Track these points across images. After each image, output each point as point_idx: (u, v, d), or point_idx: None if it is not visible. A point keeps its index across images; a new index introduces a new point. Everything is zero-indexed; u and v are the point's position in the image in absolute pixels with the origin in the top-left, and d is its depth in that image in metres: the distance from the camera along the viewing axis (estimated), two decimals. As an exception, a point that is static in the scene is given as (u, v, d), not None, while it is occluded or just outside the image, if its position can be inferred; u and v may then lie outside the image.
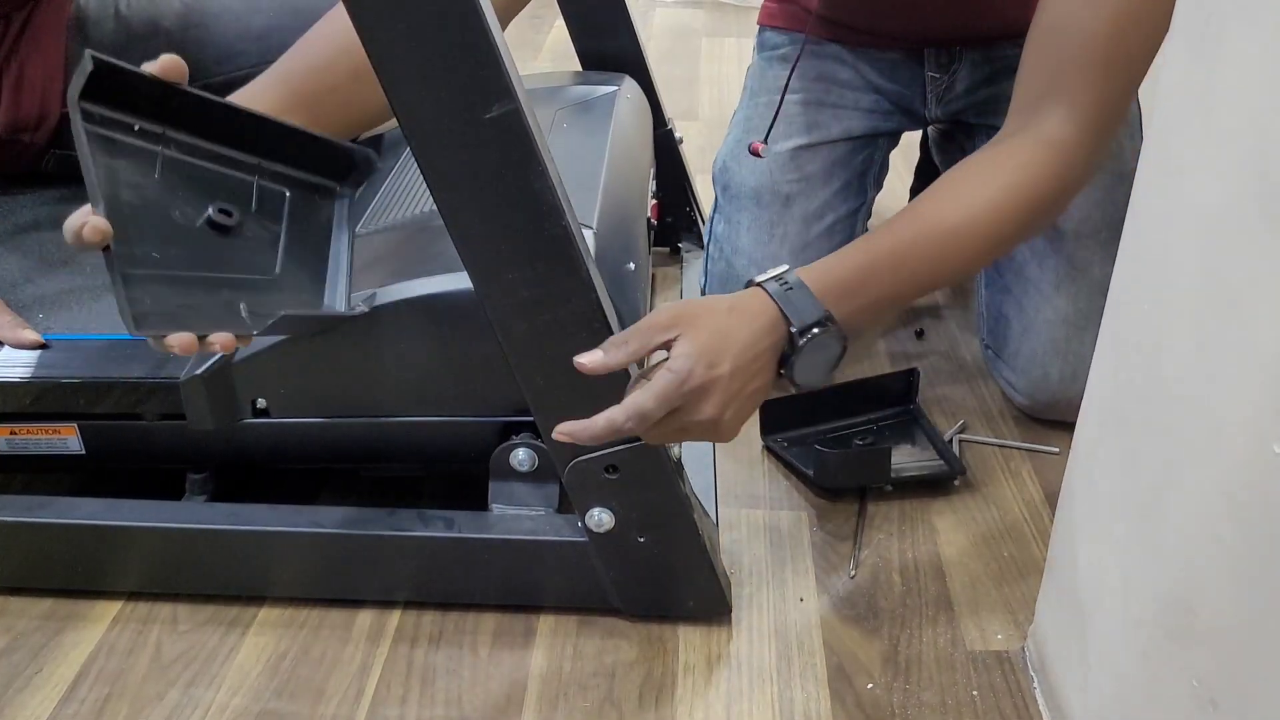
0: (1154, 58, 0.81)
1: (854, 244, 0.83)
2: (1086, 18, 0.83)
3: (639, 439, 0.79)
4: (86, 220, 0.68)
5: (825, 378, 0.80)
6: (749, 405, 0.76)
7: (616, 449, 0.81)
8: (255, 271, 0.74)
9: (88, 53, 0.68)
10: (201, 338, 0.69)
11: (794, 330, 0.77)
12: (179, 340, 0.69)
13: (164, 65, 0.73)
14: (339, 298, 0.75)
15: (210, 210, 0.73)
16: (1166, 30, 0.63)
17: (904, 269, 0.82)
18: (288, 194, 0.77)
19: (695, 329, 0.73)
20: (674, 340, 0.73)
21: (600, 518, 0.83)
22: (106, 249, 0.69)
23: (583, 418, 0.80)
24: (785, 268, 0.79)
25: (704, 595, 0.88)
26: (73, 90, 0.69)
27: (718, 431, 0.75)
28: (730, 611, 0.89)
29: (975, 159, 0.87)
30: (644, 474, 0.81)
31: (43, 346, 0.90)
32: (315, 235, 0.80)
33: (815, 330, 0.77)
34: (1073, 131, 0.84)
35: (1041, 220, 0.86)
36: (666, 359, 0.73)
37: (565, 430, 0.73)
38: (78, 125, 0.70)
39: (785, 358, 0.78)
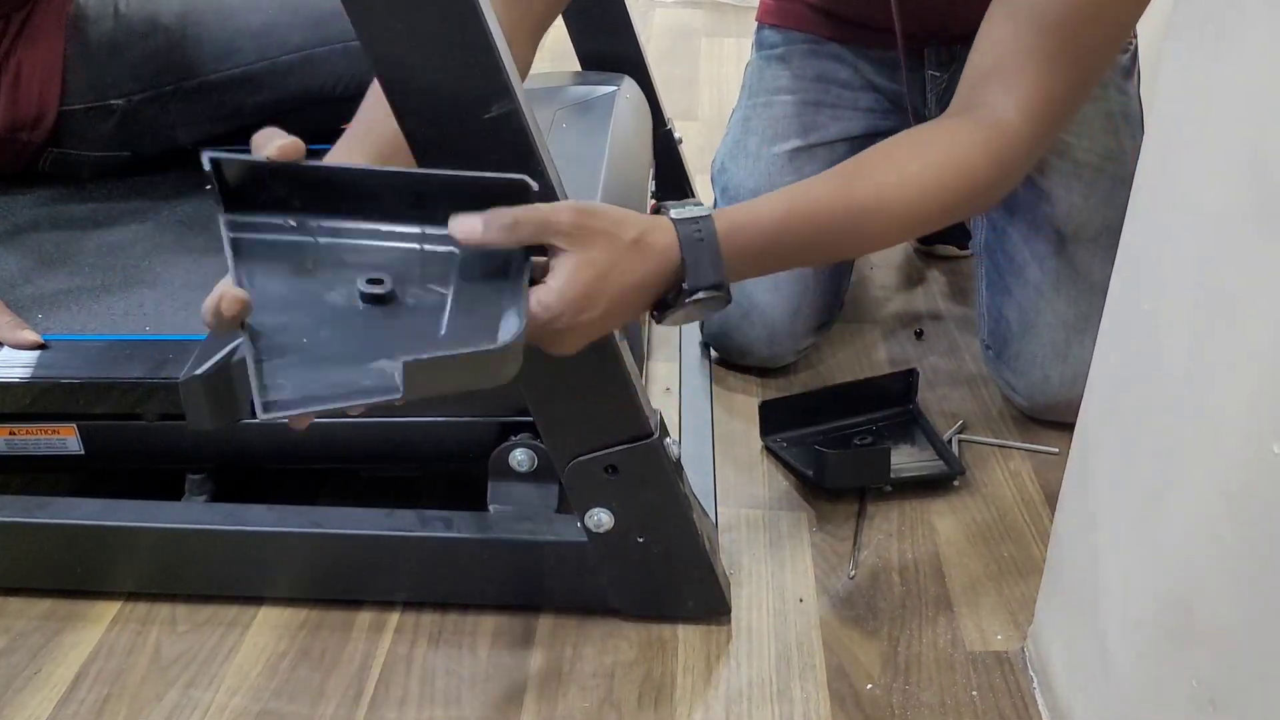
0: (1112, 57, 0.78)
1: (777, 195, 0.78)
2: (1042, 6, 0.82)
3: (641, 439, 0.79)
4: (224, 293, 0.62)
5: (708, 313, 0.76)
6: (604, 330, 0.72)
7: (616, 449, 0.81)
8: (415, 337, 0.66)
9: (204, 155, 0.63)
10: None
11: (685, 288, 0.72)
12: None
13: (283, 149, 0.65)
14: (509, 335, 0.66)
15: (360, 283, 0.66)
16: (1128, 31, 0.62)
17: (817, 239, 0.78)
18: (456, 251, 0.68)
19: (587, 257, 0.67)
20: (560, 253, 0.67)
21: (599, 518, 0.83)
22: (243, 324, 0.63)
23: (583, 418, 0.80)
24: (704, 209, 0.74)
25: (703, 595, 0.88)
26: (215, 204, 0.65)
27: (558, 351, 0.70)
28: (730, 612, 0.89)
29: (912, 133, 0.85)
30: (644, 474, 0.81)
31: (42, 347, 0.90)
32: (489, 284, 0.70)
33: (704, 294, 0.72)
34: (1014, 116, 0.82)
35: (972, 202, 0.84)
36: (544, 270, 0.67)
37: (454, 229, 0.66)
38: (224, 233, 0.65)
39: (663, 303, 0.73)
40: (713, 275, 0.72)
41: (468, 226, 0.66)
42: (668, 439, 0.82)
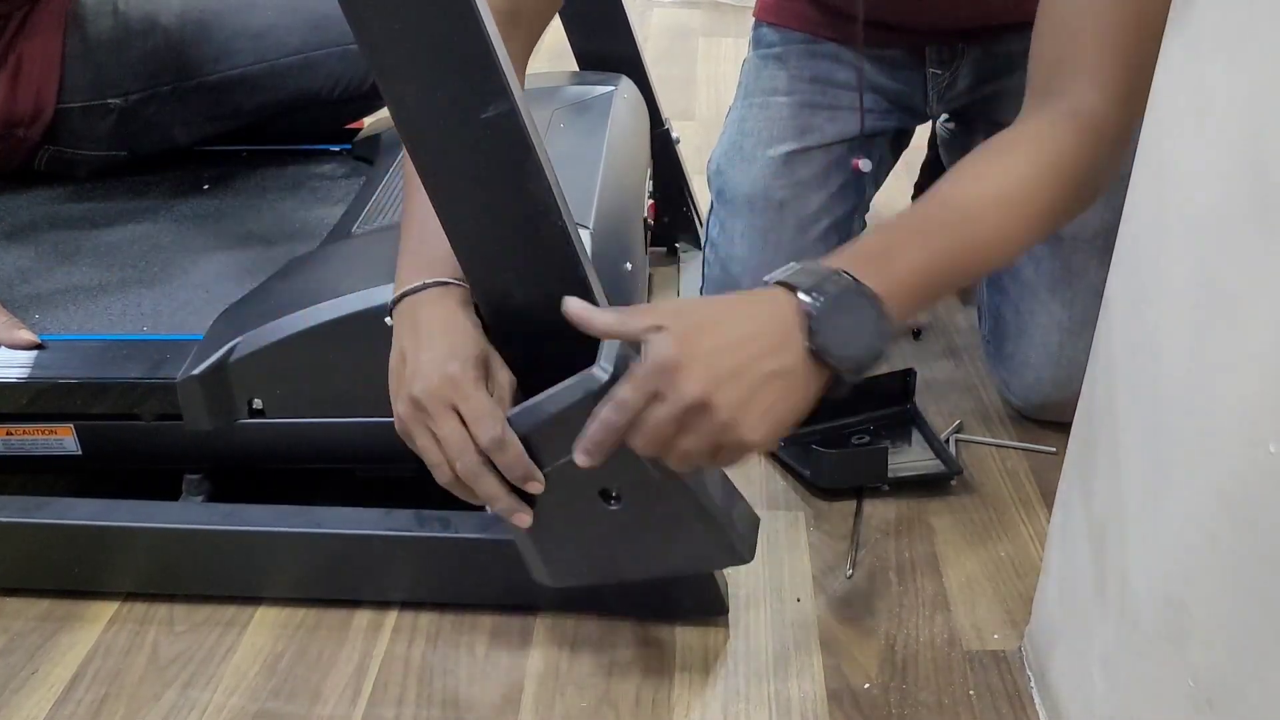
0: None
1: (868, 232, 0.78)
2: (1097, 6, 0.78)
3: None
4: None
5: (873, 345, 0.69)
6: (770, 391, 0.66)
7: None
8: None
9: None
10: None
11: (800, 293, 0.67)
12: None
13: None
14: None
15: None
16: None
17: (931, 242, 0.73)
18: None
19: (680, 315, 0.66)
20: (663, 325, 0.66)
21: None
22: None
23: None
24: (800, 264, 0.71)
25: (701, 595, 0.88)
26: None
27: (732, 428, 0.65)
28: (727, 611, 0.89)
29: (994, 140, 0.80)
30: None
31: (38, 347, 0.90)
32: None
33: (828, 287, 0.67)
34: (1098, 99, 0.78)
35: (1079, 196, 0.79)
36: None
37: (579, 448, 0.68)
38: None
39: (811, 329, 0.67)
40: (822, 271, 0.68)
41: (578, 309, 0.69)
42: None
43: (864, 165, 1.19)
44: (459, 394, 0.72)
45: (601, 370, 0.69)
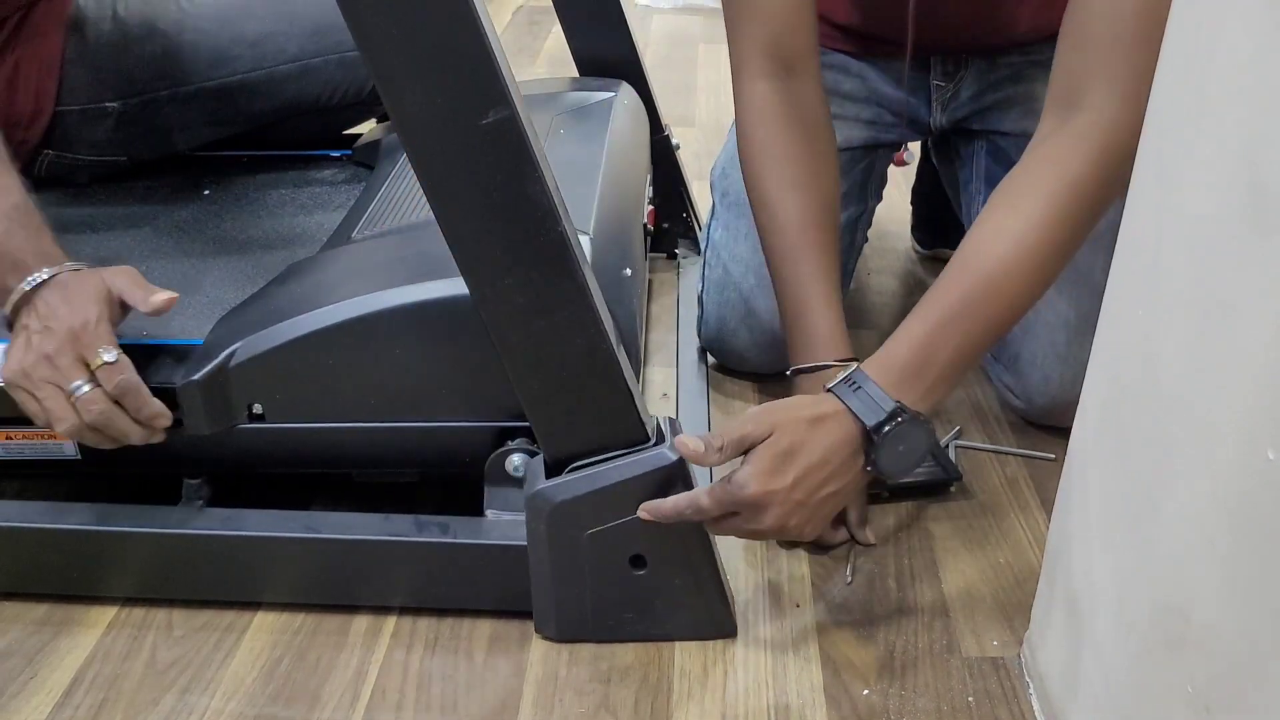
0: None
1: (911, 318, 0.84)
2: (1117, 22, 0.82)
3: (638, 445, 0.81)
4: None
5: (919, 464, 0.84)
6: (826, 506, 0.82)
7: (614, 456, 0.81)
8: None
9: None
10: None
11: (869, 429, 0.80)
12: None
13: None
14: None
15: None
16: None
17: (966, 331, 0.82)
18: None
19: (772, 443, 0.78)
20: (758, 451, 0.78)
21: None
22: None
23: (580, 423, 0.80)
24: (851, 366, 0.83)
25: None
26: None
27: (787, 534, 0.81)
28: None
29: (1011, 180, 0.86)
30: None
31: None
32: None
33: (889, 426, 0.80)
34: (1120, 110, 0.81)
35: (1096, 213, 0.84)
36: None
37: (645, 508, 0.80)
38: None
39: (869, 454, 0.81)
40: (884, 406, 0.80)
41: (692, 450, 0.80)
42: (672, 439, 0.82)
43: (907, 156, 1.23)
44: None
45: (672, 451, 0.80)
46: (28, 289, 0.82)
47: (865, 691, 0.84)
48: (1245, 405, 0.53)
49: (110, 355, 0.81)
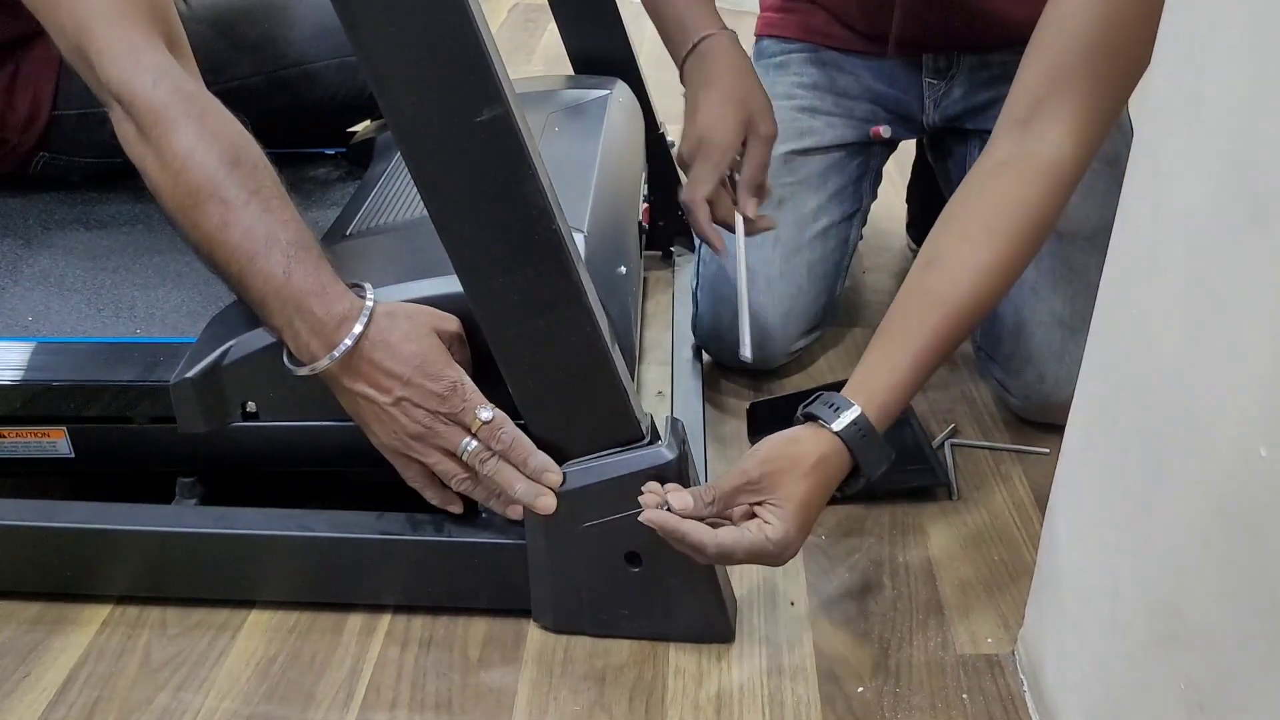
0: (1145, 70, 0.80)
1: (882, 343, 0.85)
2: (1085, 27, 0.82)
3: (633, 443, 0.81)
4: None
5: (888, 462, 0.85)
6: (815, 519, 0.83)
7: (610, 455, 0.81)
8: None
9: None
10: None
11: (865, 478, 0.83)
12: None
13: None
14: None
15: None
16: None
17: (931, 356, 0.85)
18: None
19: (786, 499, 0.78)
20: (761, 503, 0.79)
21: None
22: None
23: (574, 422, 0.80)
24: (853, 407, 0.82)
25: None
26: None
27: (779, 564, 0.81)
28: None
29: (973, 203, 0.87)
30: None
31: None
32: None
33: (869, 449, 0.82)
34: (1070, 149, 0.84)
35: (1039, 244, 0.87)
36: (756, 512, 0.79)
37: (650, 516, 0.78)
38: None
39: (855, 471, 0.83)
40: (884, 459, 0.83)
41: (680, 503, 0.78)
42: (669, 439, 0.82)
43: (884, 131, 1.24)
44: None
45: (669, 448, 0.81)
46: (350, 343, 0.77)
47: (860, 689, 0.84)
48: (1239, 402, 0.53)
49: (487, 414, 0.79)
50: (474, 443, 0.79)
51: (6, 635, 0.89)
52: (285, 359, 0.81)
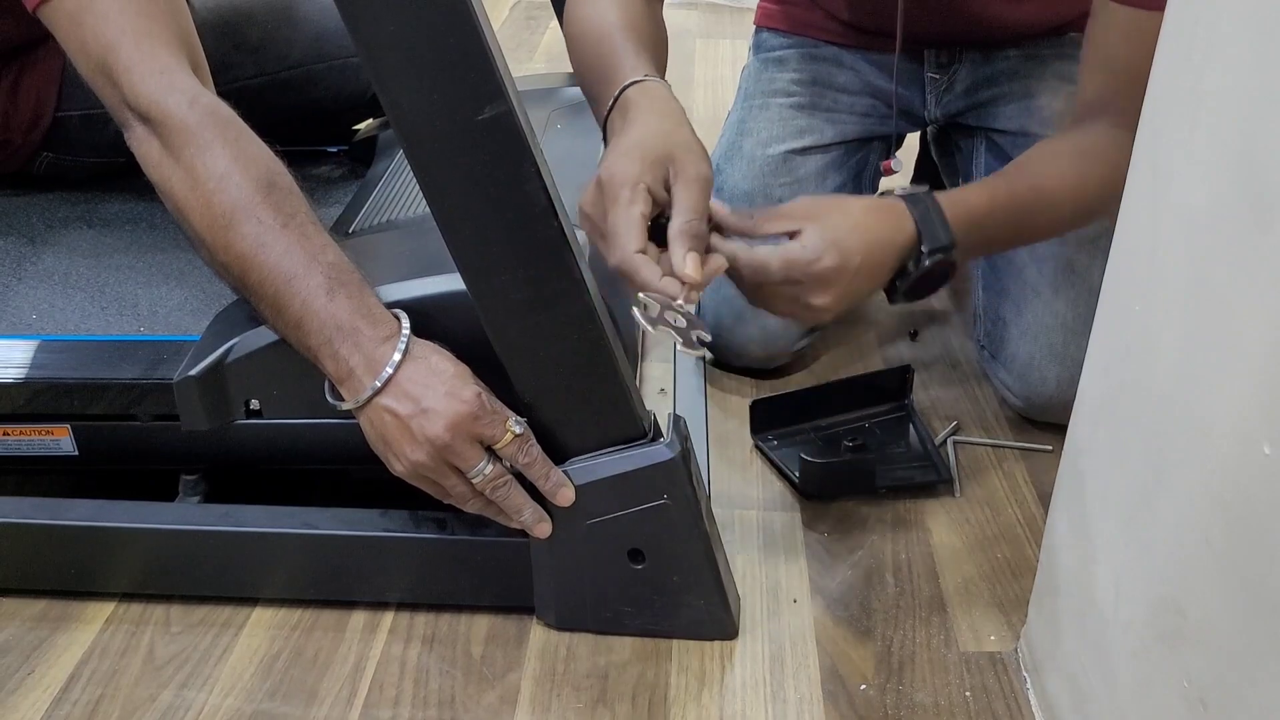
0: None
1: (980, 183, 0.90)
2: (1126, 61, 0.87)
3: (635, 440, 0.80)
4: None
5: (921, 299, 0.87)
6: (854, 301, 0.82)
7: (613, 452, 0.81)
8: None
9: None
10: None
11: (923, 250, 0.81)
12: None
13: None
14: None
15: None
16: None
17: (1014, 218, 0.87)
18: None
19: (828, 220, 0.78)
20: (801, 230, 0.78)
21: None
22: None
23: (575, 420, 0.80)
24: (924, 188, 0.85)
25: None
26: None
27: (818, 317, 0.81)
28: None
29: (1071, 137, 0.93)
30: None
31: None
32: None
33: (939, 255, 0.81)
34: (1127, 142, 0.86)
35: (1109, 207, 0.88)
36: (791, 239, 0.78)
37: (695, 262, 0.76)
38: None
39: (901, 273, 0.82)
40: (943, 236, 0.81)
41: (719, 210, 0.80)
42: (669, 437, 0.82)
43: (895, 165, 1.24)
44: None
45: (670, 446, 0.80)
46: (391, 370, 0.76)
47: (863, 687, 0.84)
48: (1242, 401, 0.53)
49: (519, 427, 0.78)
50: (489, 467, 0.78)
51: (10, 632, 0.90)
52: (327, 394, 0.80)
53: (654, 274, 0.75)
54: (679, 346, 0.75)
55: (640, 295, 0.75)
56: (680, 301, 0.73)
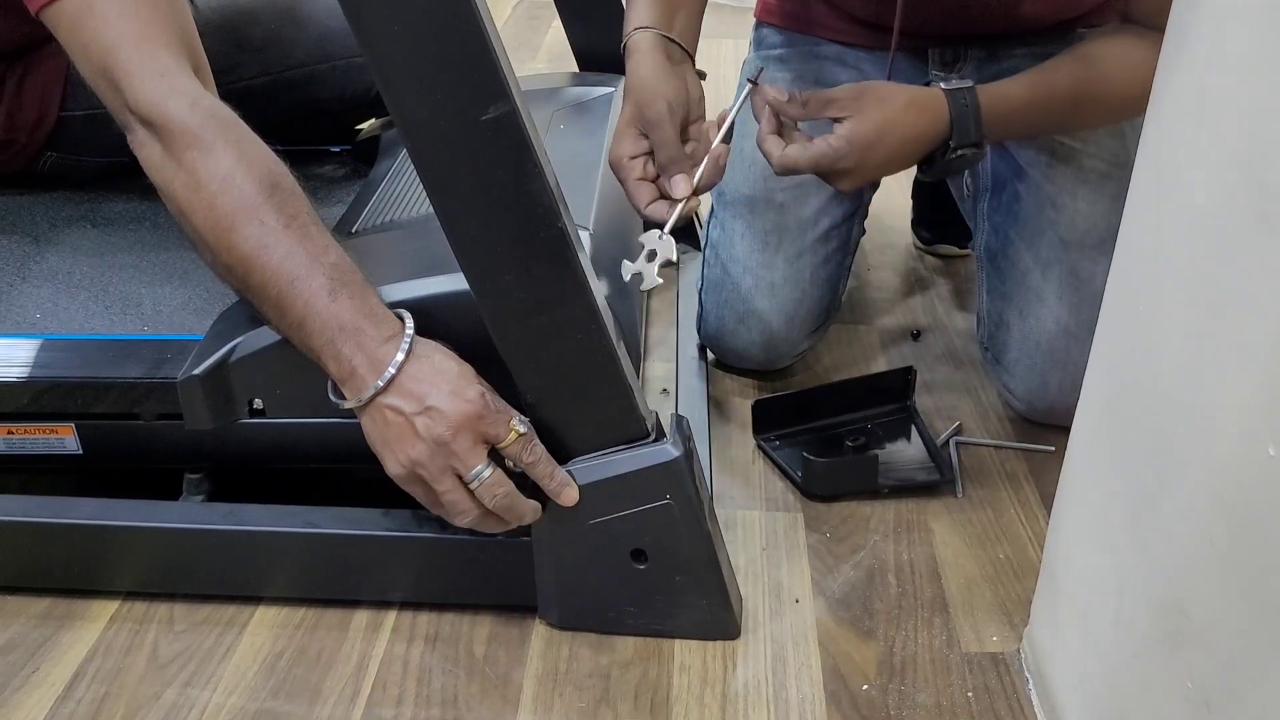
0: None
1: (1024, 76, 0.94)
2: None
3: (637, 440, 0.81)
4: None
5: (946, 178, 0.95)
6: (879, 178, 0.94)
7: (616, 452, 0.81)
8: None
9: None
10: None
11: (951, 145, 0.88)
12: None
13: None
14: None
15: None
16: None
17: (1050, 115, 0.92)
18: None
19: (865, 116, 0.86)
20: (846, 118, 0.86)
21: None
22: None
23: (579, 419, 0.81)
24: (968, 82, 0.91)
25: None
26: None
27: (842, 189, 0.90)
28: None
29: (1131, 31, 0.96)
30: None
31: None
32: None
33: (966, 150, 0.89)
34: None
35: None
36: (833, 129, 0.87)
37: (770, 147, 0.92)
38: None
39: (929, 159, 0.89)
40: (973, 135, 0.89)
41: (775, 96, 0.90)
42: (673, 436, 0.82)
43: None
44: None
45: (673, 446, 0.81)
46: (394, 370, 0.76)
47: (865, 687, 0.84)
48: (1246, 402, 0.53)
49: (523, 426, 0.78)
50: (488, 472, 0.78)
51: (15, 631, 0.90)
52: (330, 393, 0.80)
53: (645, 196, 0.91)
54: (656, 271, 0.87)
55: (639, 239, 0.88)
56: (668, 228, 0.88)
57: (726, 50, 2.32)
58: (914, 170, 1.48)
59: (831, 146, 0.86)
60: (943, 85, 0.91)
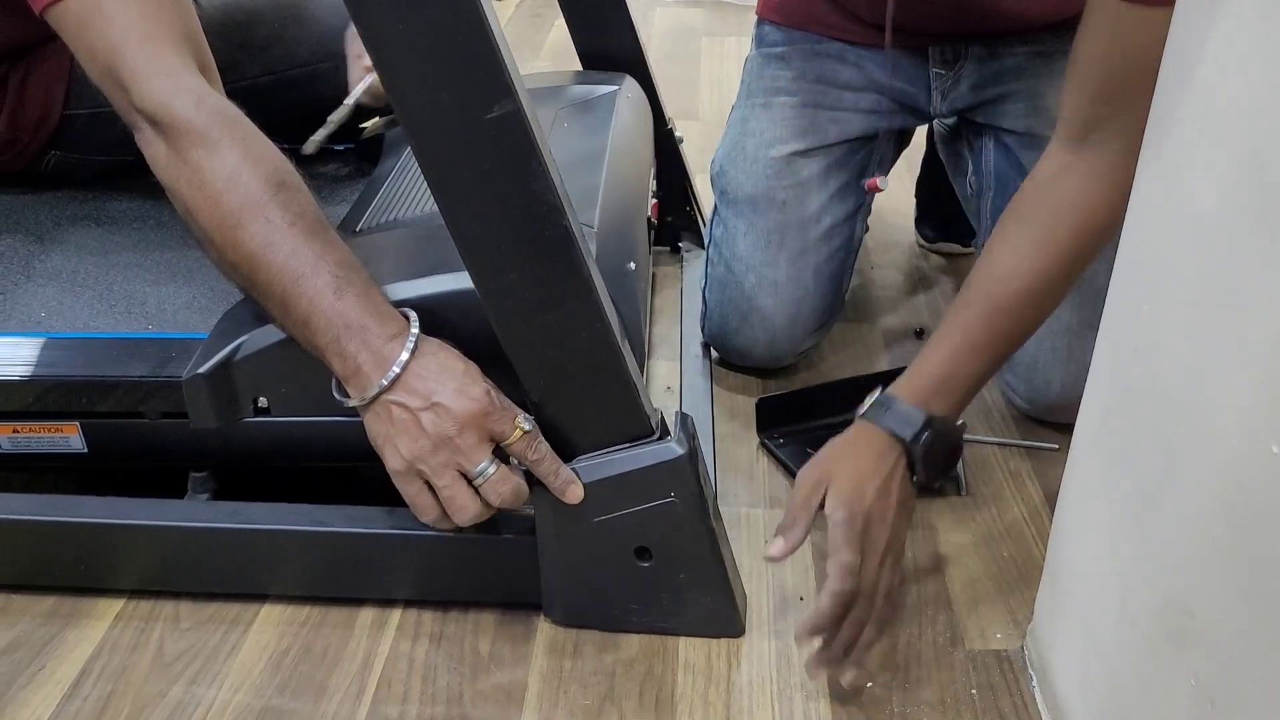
0: None
1: (933, 340, 0.89)
2: (1139, 50, 0.77)
3: (642, 439, 0.81)
4: None
5: (952, 468, 0.92)
6: (906, 516, 0.86)
7: (619, 450, 0.81)
8: None
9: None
10: None
11: (906, 442, 0.85)
12: None
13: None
14: None
15: None
16: None
17: (985, 349, 0.88)
18: None
19: (834, 482, 0.84)
20: (824, 497, 0.83)
21: None
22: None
23: (584, 417, 0.81)
24: (877, 391, 0.89)
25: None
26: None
27: (898, 546, 0.85)
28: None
29: (1031, 205, 0.89)
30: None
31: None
32: None
33: (925, 434, 0.85)
34: (1132, 158, 0.78)
35: (1103, 247, 0.87)
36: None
37: (806, 629, 0.80)
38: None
39: (912, 465, 0.86)
40: (916, 418, 0.86)
41: (780, 549, 0.83)
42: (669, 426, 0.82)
43: (881, 184, 1.23)
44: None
45: (678, 444, 0.81)
46: (399, 369, 0.76)
47: (869, 684, 0.84)
48: (1249, 401, 0.53)
49: (528, 424, 0.78)
50: (492, 468, 0.78)
51: (21, 629, 0.90)
52: (334, 391, 0.80)
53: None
54: None
55: None
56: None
57: (730, 48, 2.32)
58: (917, 168, 1.51)
59: (837, 521, 0.82)
60: (859, 411, 0.89)
